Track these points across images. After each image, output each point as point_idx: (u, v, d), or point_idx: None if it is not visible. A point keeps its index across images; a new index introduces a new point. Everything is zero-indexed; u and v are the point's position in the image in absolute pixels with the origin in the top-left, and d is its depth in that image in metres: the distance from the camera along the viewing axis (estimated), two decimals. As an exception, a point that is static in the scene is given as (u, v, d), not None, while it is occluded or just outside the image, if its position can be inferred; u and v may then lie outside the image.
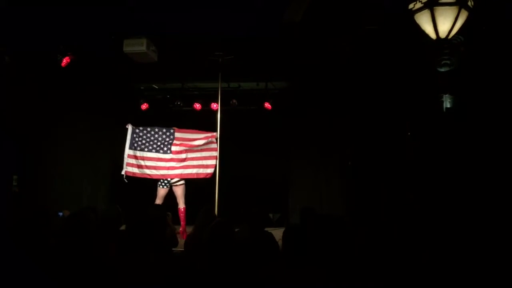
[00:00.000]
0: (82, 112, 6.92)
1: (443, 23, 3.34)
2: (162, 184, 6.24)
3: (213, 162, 6.26)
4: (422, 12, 3.38)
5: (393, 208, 5.68)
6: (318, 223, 2.38)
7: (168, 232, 3.66)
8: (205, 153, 6.30)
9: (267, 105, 7.56)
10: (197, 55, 6.08)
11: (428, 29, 3.43)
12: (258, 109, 7.67)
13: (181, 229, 6.04)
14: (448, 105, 4.55)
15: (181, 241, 4.13)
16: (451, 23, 3.33)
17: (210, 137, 6.25)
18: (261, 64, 6.28)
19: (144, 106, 7.88)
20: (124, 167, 6.04)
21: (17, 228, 2.73)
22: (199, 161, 6.26)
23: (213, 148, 6.31)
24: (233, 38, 5.47)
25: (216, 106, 6.76)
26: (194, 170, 6.21)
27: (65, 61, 5.67)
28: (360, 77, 6.24)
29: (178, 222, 6.07)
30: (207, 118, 7.16)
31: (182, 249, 3.82)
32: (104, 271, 2.43)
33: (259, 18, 4.86)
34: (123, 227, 3.31)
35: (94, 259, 2.58)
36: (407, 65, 5.10)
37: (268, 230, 3.64)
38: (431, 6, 3.32)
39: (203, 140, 6.22)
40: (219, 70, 6.34)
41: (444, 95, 4.57)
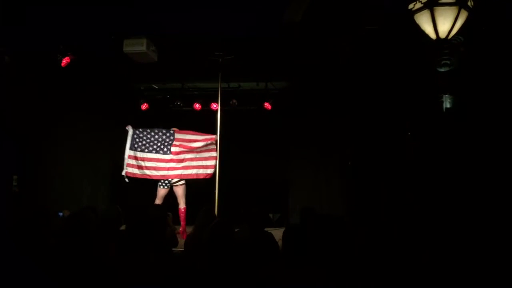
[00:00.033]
0: (82, 112, 6.92)
1: (443, 23, 3.34)
2: (162, 184, 6.25)
3: (213, 163, 6.27)
4: (422, 12, 3.38)
5: (393, 208, 5.68)
6: (318, 223, 2.38)
7: (168, 232, 3.66)
8: (205, 154, 6.31)
9: (267, 105, 7.56)
10: (197, 55, 6.08)
11: (428, 29, 3.43)
12: (258, 109, 7.66)
13: (181, 229, 6.04)
14: (448, 105, 4.55)
15: (181, 241, 4.13)
16: (451, 23, 3.33)
17: (210, 140, 6.26)
18: (261, 64, 6.28)
19: (144, 106, 7.88)
20: (125, 168, 6.06)
21: (17, 228, 2.73)
22: (199, 161, 6.27)
23: (212, 149, 6.33)
24: (233, 38, 5.46)
25: (216, 106, 6.76)
26: (194, 170, 6.22)
27: (65, 61, 5.67)
28: (360, 77, 6.24)
29: (179, 222, 6.08)
30: (207, 118, 7.15)
31: (182, 249, 3.82)
32: (104, 271, 2.43)
33: (259, 18, 4.85)
34: (123, 227, 3.31)
35: (94, 259, 2.58)
36: (407, 65, 5.10)
37: (268, 230, 3.64)
38: (431, 6, 3.31)
39: (202, 142, 6.23)
40: (219, 70, 6.34)
41: (444, 95, 4.56)
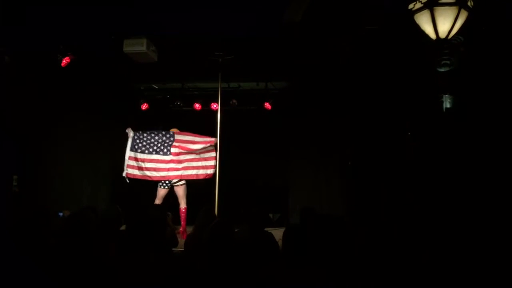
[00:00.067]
0: (82, 112, 6.91)
1: (443, 23, 3.34)
2: (162, 184, 6.25)
3: (212, 163, 6.28)
4: (422, 12, 3.38)
5: (393, 208, 5.68)
6: (318, 223, 2.38)
7: (168, 232, 3.66)
8: (204, 154, 6.33)
9: (267, 105, 7.56)
10: (197, 55, 6.08)
11: (428, 29, 3.43)
12: (258, 109, 7.67)
13: (181, 229, 6.04)
14: (448, 105, 4.55)
15: (181, 241, 4.13)
16: (451, 23, 3.33)
17: (209, 143, 6.26)
18: (261, 64, 6.28)
19: (144, 106, 7.88)
20: (125, 169, 6.08)
21: (17, 228, 2.73)
22: (199, 162, 6.28)
23: (212, 149, 6.33)
24: (233, 38, 5.46)
25: (216, 106, 6.76)
26: (194, 171, 6.23)
27: (65, 61, 5.67)
28: (360, 77, 6.24)
29: (179, 222, 6.08)
30: (207, 118, 7.16)
31: (182, 249, 3.82)
32: (104, 271, 2.43)
33: (259, 18, 4.85)
34: (123, 227, 3.31)
35: (94, 259, 2.58)
36: (407, 65, 5.10)
37: (268, 230, 3.64)
38: (431, 6, 3.31)
39: (201, 144, 6.23)
40: (219, 70, 6.34)
41: (444, 95, 4.56)
